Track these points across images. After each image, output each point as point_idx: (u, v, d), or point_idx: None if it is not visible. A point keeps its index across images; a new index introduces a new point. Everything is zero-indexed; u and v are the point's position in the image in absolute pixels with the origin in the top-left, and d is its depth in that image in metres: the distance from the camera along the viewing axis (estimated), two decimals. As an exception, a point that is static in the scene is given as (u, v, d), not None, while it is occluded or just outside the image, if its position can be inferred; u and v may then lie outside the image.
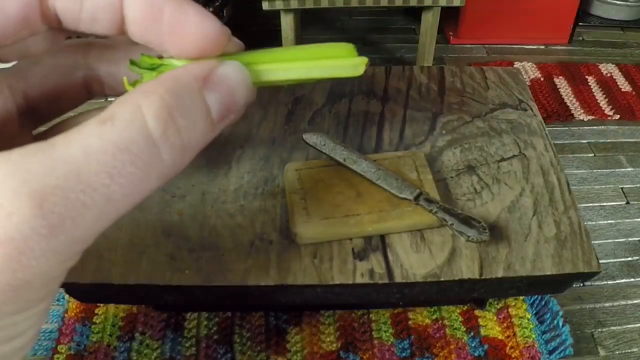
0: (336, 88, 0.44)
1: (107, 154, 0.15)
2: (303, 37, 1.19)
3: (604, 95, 1.29)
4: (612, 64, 1.48)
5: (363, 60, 0.21)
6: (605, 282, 0.77)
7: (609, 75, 1.38)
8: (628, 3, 1.71)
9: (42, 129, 0.23)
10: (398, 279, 0.30)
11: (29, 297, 0.15)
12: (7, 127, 0.21)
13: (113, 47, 0.23)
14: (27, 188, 0.14)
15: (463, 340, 0.40)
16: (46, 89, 0.22)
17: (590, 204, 0.89)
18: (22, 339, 0.16)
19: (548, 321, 0.42)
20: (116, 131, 0.16)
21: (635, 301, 0.85)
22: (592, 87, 1.33)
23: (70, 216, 0.15)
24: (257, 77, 0.21)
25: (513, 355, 0.39)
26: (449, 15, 1.62)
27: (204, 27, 0.20)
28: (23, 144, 0.21)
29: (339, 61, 0.21)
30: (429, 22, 1.20)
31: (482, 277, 0.30)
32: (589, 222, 0.83)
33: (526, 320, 0.41)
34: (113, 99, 0.17)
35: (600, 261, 0.31)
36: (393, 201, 0.32)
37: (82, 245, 0.15)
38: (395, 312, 0.42)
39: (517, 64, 1.50)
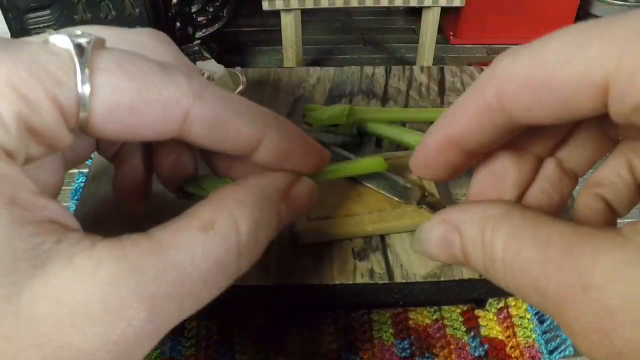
0: (336, 88, 0.44)
1: (207, 264, 0.17)
2: (303, 37, 1.19)
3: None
4: (612, 64, 1.47)
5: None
6: (605, 282, 0.77)
7: (609, 75, 1.38)
8: (628, 3, 1.71)
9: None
10: (398, 279, 0.30)
11: None
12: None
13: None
14: (144, 291, 0.15)
15: (463, 340, 0.40)
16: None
17: (590, 204, 0.89)
18: None
19: (548, 321, 0.42)
20: (216, 242, 0.18)
21: (635, 301, 0.85)
22: (592, 87, 1.33)
23: (170, 319, 0.16)
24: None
25: (513, 355, 0.39)
26: (449, 15, 1.62)
27: (322, 157, 0.25)
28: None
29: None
30: (429, 22, 1.20)
31: (482, 277, 0.30)
32: (589, 222, 0.83)
33: (526, 320, 0.41)
34: None
35: (600, 261, 0.31)
36: (394, 201, 0.32)
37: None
38: (395, 312, 0.42)
39: (517, 64, 1.49)
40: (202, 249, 0.17)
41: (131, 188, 0.25)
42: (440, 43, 1.60)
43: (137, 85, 0.17)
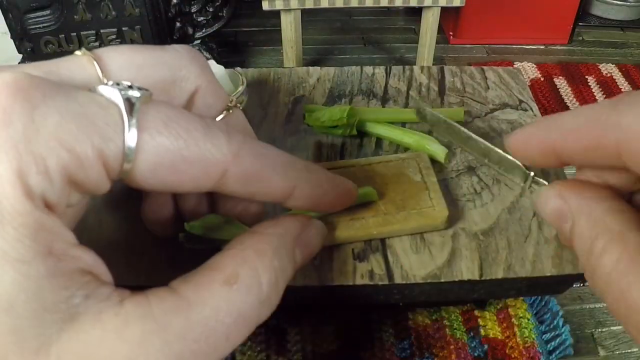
0: (336, 88, 0.44)
1: (231, 318, 0.17)
2: (303, 37, 1.18)
3: (604, 95, 1.29)
4: (612, 64, 1.47)
5: None
6: (605, 282, 0.77)
7: (608, 75, 1.38)
8: (628, 3, 1.71)
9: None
10: (398, 280, 0.30)
11: None
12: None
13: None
14: (171, 351, 0.16)
15: (463, 340, 0.40)
16: None
17: (590, 204, 0.88)
18: None
19: (548, 321, 0.42)
20: (241, 296, 0.18)
21: (635, 301, 0.85)
22: (592, 87, 1.33)
23: None
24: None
25: (513, 355, 0.39)
26: (449, 15, 1.62)
27: (350, 196, 0.27)
28: None
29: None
30: (429, 22, 1.20)
31: (482, 278, 0.30)
32: (589, 222, 0.83)
33: (526, 321, 0.41)
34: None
35: (600, 262, 0.31)
36: (398, 204, 0.32)
37: None
38: (395, 312, 0.42)
39: (517, 64, 1.49)
40: (227, 304, 0.17)
41: (160, 218, 0.27)
42: (440, 43, 1.60)
43: (181, 145, 0.18)
